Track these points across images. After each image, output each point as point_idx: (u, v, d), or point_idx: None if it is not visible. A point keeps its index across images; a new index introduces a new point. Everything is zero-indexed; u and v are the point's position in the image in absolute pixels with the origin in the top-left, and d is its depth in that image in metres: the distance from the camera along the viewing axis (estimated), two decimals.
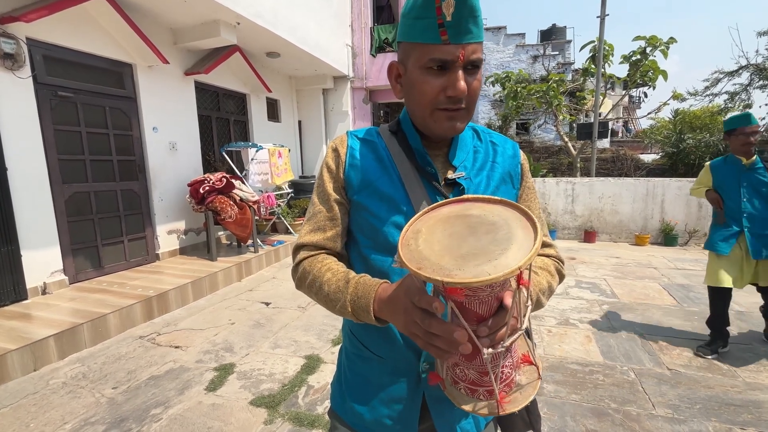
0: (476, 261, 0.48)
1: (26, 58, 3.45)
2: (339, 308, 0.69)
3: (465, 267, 0.47)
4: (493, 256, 0.48)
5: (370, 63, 8.53)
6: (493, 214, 0.55)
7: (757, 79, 10.73)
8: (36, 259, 3.55)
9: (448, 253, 0.51)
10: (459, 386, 0.60)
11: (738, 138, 2.50)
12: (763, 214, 2.48)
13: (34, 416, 2.16)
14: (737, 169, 2.57)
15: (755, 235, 2.49)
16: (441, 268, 0.48)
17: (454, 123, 0.70)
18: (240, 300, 4.02)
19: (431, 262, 0.50)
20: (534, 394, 0.59)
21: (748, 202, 2.51)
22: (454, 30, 0.62)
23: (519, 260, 0.46)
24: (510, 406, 0.57)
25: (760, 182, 2.50)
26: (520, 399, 0.58)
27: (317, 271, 0.74)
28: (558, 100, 8.43)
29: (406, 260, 0.51)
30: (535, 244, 0.48)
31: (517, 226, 0.52)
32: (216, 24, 4.80)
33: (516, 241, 0.50)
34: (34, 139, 3.54)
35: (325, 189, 0.79)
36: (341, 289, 0.69)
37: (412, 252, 0.53)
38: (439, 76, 0.66)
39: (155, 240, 4.84)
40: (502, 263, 0.46)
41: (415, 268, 0.49)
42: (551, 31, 13.77)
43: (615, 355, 2.69)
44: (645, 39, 7.37)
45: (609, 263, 5.12)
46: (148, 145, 4.69)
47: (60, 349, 2.80)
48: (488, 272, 0.45)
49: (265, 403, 2.22)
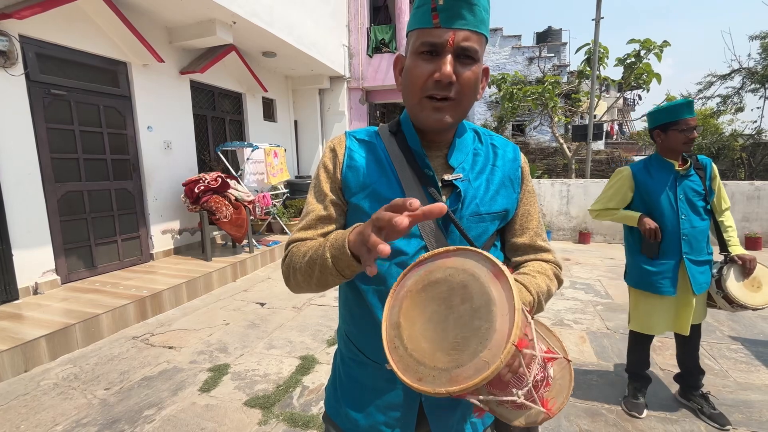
0: (469, 348, 0.47)
1: (19, 55, 3.41)
2: (319, 264, 0.64)
3: (462, 361, 0.46)
4: (482, 335, 0.47)
5: (367, 63, 8.53)
6: (458, 273, 0.53)
7: (749, 83, 10.87)
8: (28, 259, 3.51)
9: (438, 347, 0.49)
10: (505, 406, 0.60)
11: (678, 134, 1.84)
12: (698, 234, 1.90)
13: (25, 418, 2.13)
14: (671, 177, 1.91)
15: (695, 262, 1.89)
16: (440, 373, 0.47)
17: (441, 115, 0.68)
18: (235, 300, 4.00)
19: (427, 367, 0.48)
20: (572, 381, 0.61)
21: (686, 221, 1.89)
22: (446, 14, 0.63)
23: (507, 332, 0.45)
24: (557, 407, 0.58)
25: (695, 193, 1.90)
26: (562, 392, 0.60)
27: (304, 247, 0.72)
28: (553, 101, 8.49)
29: (401, 373, 0.50)
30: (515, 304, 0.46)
31: (487, 280, 0.50)
32: (212, 23, 4.78)
33: (495, 304, 0.48)
34: (26, 137, 3.51)
35: (321, 189, 0.78)
36: (321, 245, 0.66)
37: (403, 358, 0.51)
38: (430, 62, 0.66)
39: (149, 240, 4.80)
40: (495, 342, 0.45)
41: (415, 384, 0.48)
42: (547, 34, 13.85)
43: (609, 356, 2.70)
44: (639, 42, 7.44)
45: (603, 264, 5.15)
46: (143, 144, 4.66)
47: (51, 349, 2.76)
48: (487, 362, 0.45)
49: (260, 404, 2.21)
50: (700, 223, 1.90)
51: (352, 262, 0.59)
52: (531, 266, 0.77)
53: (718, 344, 2.83)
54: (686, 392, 2.13)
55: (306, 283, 0.71)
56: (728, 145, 9.14)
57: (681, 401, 2.15)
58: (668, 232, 1.91)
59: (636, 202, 2.00)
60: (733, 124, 10.60)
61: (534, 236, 0.81)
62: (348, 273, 0.62)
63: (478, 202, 0.74)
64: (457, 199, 0.73)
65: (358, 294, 0.77)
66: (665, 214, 1.91)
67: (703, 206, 1.90)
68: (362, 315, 0.78)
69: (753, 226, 5.89)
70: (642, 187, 1.96)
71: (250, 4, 4.95)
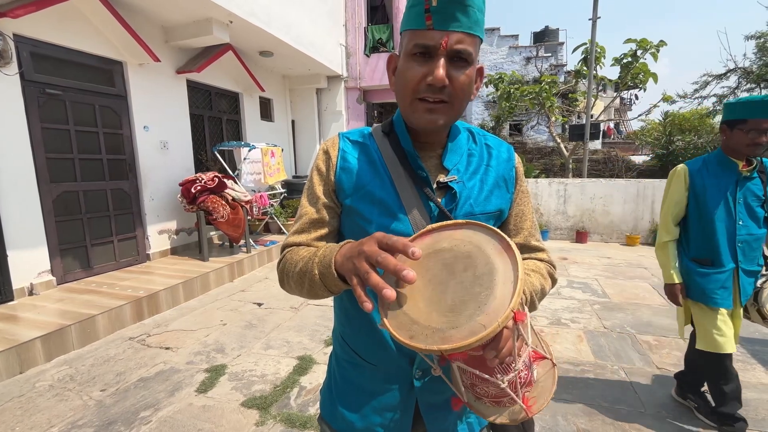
0: (467, 311, 0.46)
1: (13, 54, 3.38)
2: (309, 279, 0.65)
3: (458, 323, 0.45)
4: (481, 300, 0.46)
5: (364, 63, 8.52)
6: (464, 244, 0.53)
7: (744, 83, 10.93)
8: (23, 260, 3.49)
9: (434, 308, 0.48)
10: (483, 401, 0.59)
11: (743, 135, 1.64)
12: (754, 243, 1.74)
13: (20, 419, 2.11)
14: (732, 178, 1.72)
15: (747, 272, 1.75)
16: (434, 332, 0.45)
17: (434, 117, 0.67)
18: (232, 300, 3.98)
19: (421, 326, 0.47)
20: (554, 385, 0.60)
21: (744, 227, 1.72)
22: (439, 16, 0.61)
23: (508, 298, 0.44)
24: (537, 407, 0.57)
25: (755, 197, 1.72)
26: (544, 394, 0.59)
27: (297, 255, 0.72)
28: (550, 101, 8.50)
29: (394, 330, 0.48)
30: (519, 274, 0.46)
31: (493, 252, 0.50)
32: (208, 22, 4.76)
33: (498, 273, 0.47)
34: (21, 137, 3.48)
35: (315, 191, 0.77)
36: (311, 257, 0.66)
37: (398, 316, 0.49)
38: (423, 64, 0.65)
39: (146, 240, 4.78)
40: (493, 307, 0.44)
41: (407, 340, 0.46)
42: (544, 33, 13.86)
43: (606, 355, 2.71)
44: (636, 42, 7.46)
45: (600, 263, 5.17)
46: (139, 144, 4.63)
47: (47, 351, 2.75)
48: (483, 325, 0.43)
49: (257, 405, 2.20)
50: (757, 231, 1.73)
51: (337, 281, 0.60)
52: (525, 264, 0.77)
53: None
54: (684, 391, 2.11)
55: (299, 293, 0.72)
56: None
57: (677, 399, 2.14)
58: (724, 239, 1.73)
59: (690, 204, 1.79)
60: None
61: (528, 236, 0.81)
62: (335, 290, 0.63)
63: (473, 202, 0.74)
64: (452, 199, 0.73)
65: (353, 295, 0.77)
66: (721, 218, 1.72)
67: (763, 215, 1.72)
68: (357, 316, 0.78)
69: None
70: (698, 188, 1.76)
71: (248, 3, 4.93)
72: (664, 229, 1.88)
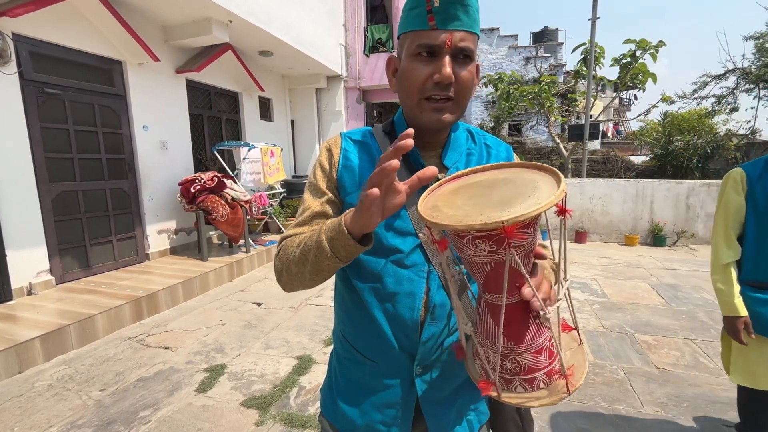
0: (515, 203, 0.45)
1: (12, 53, 3.37)
2: (314, 249, 0.64)
3: (510, 209, 0.44)
4: (527, 196, 0.45)
5: (364, 63, 8.52)
6: (500, 174, 0.53)
7: (743, 83, 10.95)
8: (22, 259, 3.48)
9: (484, 206, 0.46)
10: (514, 383, 0.53)
11: None
12: None
13: (19, 419, 2.11)
14: None
15: None
16: (488, 217, 0.43)
17: (441, 114, 0.69)
18: (231, 300, 3.98)
19: (473, 216, 0.44)
20: (586, 361, 0.55)
21: None
22: (442, 16, 0.64)
23: (554, 189, 0.44)
24: (576, 379, 0.52)
25: None
26: (580, 369, 0.53)
27: (298, 238, 0.71)
28: (550, 101, 8.51)
29: (443, 220, 0.46)
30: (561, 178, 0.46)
31: (531, 174, 0.50)
32: (208, 22, 4.75)
33: (539, 183, 0.47)
34: (20, 136, 3.47)
35: (318, 187, 0.78)
36: (316, 231, 0.65)
37: (446, 215, 0.47)
38: (428, 63, 0.67)
39: (145, 240, 4.77)
40: (543, 195, 0.44)
41: (458, 222, 0.44)
42: (543, 33, 13.87)
43: (605, 354, 2.72)
44: (635, 42, 7.47)
45: (599, 263, 5.18)
46: (138, 144, 4.63)
47: (46, 350, 2.74)
48: (537, 203, 0.42)
49: (257, 404, 2.20)
50: None
51: (348, 240, 0.59)
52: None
53: (713, 342, 2.85)
54: None
55: (299, 275, 0.69)
56: (723, 144, 9.19)
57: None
58: None
59: (748, 216, 1.46)
60: (727, 124, 10.67)
61: None
62: (344, 254, 0.61)
63: None
64: None
65: (354, 293, 0.77)
66: None
67: None
68: (358, 314, 0.78)
69: None
70: (759, 196, 1.41)
71: (247, 3, 4.93)
72: (724, 245, 1.50)
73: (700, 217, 6.16)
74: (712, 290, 3.96)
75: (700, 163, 9.21)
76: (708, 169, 9.32)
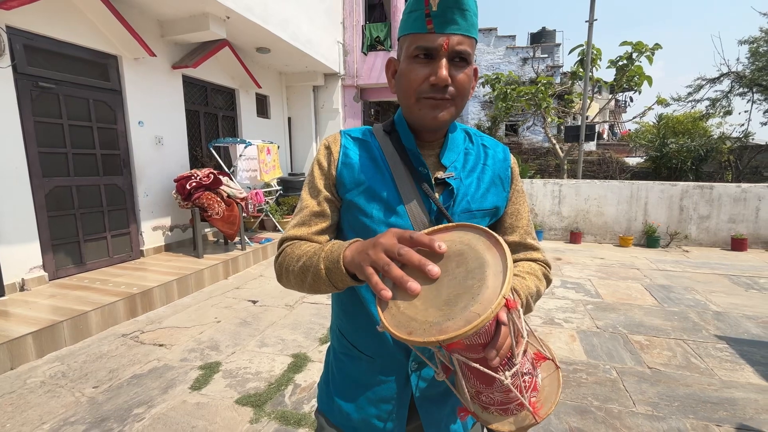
0: (461, 303, 0.47)
1: (6, 47, 3.33)
2: (313, 273, 0.66)
3: (453, 314, 0.46)
4: (474, 292, 0.47)
5: (362, 61, 8.50)
6: (455, 244, 0.55)
7: (737, 87, 11.06)
8: (14, 255, 3.44)
9: (431, 304, 0.49)
10: (490, 410, 0.59)
11: None
12: None
13: (11, 416, 2.10)
14: None
15: None
16: (431, 326, 0.46)
17: (438, 112, 0.70)
18: (226, 298, 3.97)
19: (419, 321, 0.48)
20: (560, 388, 0.61)
21: None
22: (439, 19, 0.65)
23: (499, 287, 0.46)
24: (544, 411, 0.58)
25: None
26: (550, 398, 0.59)
27: (298, 250, 0.72)
28: (546, 102, 8.55)
29: (393, 329, 0.49)
30: (508, 264, 0.48)
31: (483, 248, 0.52)
32: (205, 17, 4.72)
33: (488, 265, 0.49)
34: (13, 130, 3.43)
35: (316, 185, 0.78)
36: (316, 252, 0.67)
37: (396, 316, 0.50)
38: (425, 65, 0.68)
39: (140, 236, 4.74)
40: (486, 297, 0.46)
41: (406, 336, 0.47)
42: (541, 34, 13.92)
43: (598, 354, 2.74)
44: (631, 44, 7.53)
45: (594, 264, 5.22)
46: (134, 140, 4.59)
47: (38, 347, 2.72)
48: (478, 313, 0.45)
49: (251, 402, 2.20)
50: None
51: (345, 276, 0.61)
52: (521, 266, 0.79)
53: (704, 343, 2.88)
54: None
55: (299, 287, 0.72)
56: (716, 147, 9.29)
57: None
58: None
59: None
60: (721, 127, 10.78)
61: (524, 234, 0.83)
62: (341, 286, 0.63)
63: (470, 199, 0.76)
64: (449, 196, 0.75)
65: (352, 289, 0.78)
66: None
67: None
68: (355, 310, 0.79)
69: (739, 227, 6.01)
70: None
71: None
72: None
73: (693, 219, 6.22)
74: (703, 291, 4.02)
75: (693, 165, 9.30)
76: (701, 172, 9.41)
